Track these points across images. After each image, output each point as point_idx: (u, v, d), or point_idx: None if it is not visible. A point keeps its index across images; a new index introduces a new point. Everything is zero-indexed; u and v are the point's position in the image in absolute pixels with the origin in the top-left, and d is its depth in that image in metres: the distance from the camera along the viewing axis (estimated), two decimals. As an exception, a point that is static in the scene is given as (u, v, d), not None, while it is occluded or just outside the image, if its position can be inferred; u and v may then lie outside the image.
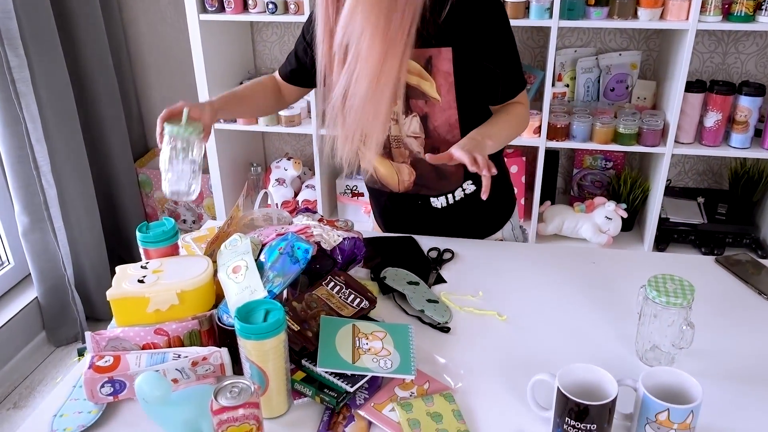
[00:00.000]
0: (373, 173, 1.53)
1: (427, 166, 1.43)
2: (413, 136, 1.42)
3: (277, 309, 0.97)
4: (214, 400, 0.88)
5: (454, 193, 1.50)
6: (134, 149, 2.84)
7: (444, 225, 1.55)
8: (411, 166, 1.47)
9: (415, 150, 1.43)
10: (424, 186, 1.49)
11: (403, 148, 1.44)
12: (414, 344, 1.10)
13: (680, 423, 0.89)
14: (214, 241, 1.29)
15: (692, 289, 1.06)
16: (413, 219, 1.56)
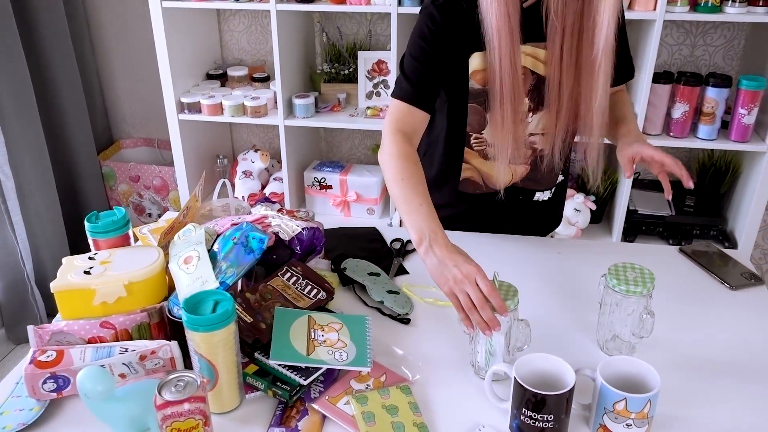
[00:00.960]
0: (479, 181, 1.41)
1: (546, 161, 1.34)
2: (540, 133, 1.33)
3: (227, 300, 0.94)
4: (157, 395, 0.84)
5: (552, 188, 1.47)
6: (98, 141, 2.77)
7: (531, 218, 1.49)
8: (530, 165, 1.39)
9: (539, 148, 1.35)
10: (533, 181, 1.42)
11: (527, 148, 1.35)
12: (371, 336, 1.07)
13: (637, 412, 0.88)
14: (168, 231, 1.25)
15: (652, 277, 1.05)
16: (502, 215, 1.47)
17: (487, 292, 0.97)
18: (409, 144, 1.22)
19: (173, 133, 2.45)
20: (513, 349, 1.03)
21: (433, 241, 1.06)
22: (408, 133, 1.23)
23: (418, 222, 1.09)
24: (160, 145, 2.89)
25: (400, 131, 1.22)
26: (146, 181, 2.74)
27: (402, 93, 1.25)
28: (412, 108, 1.24)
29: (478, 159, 1.38)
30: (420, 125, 1.26)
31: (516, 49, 1.17)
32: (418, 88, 1.23)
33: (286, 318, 1.06)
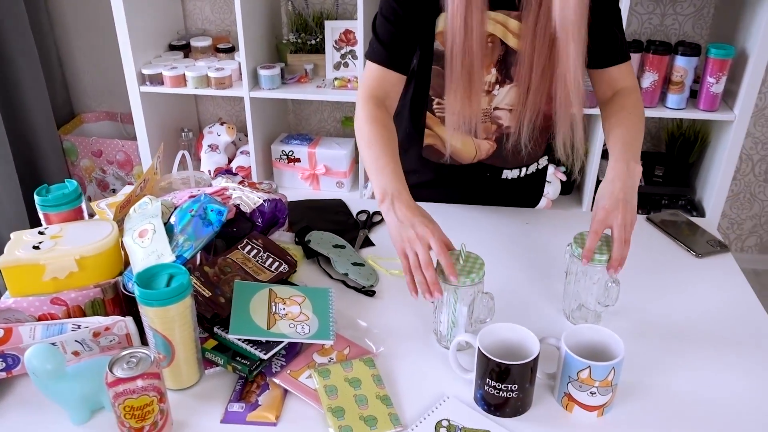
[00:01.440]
0: (442, 149, 1.37)
1: (512, 140, 1.29)
2: (506, 108, 1.30)
3: (182, 273, 0.90)
4: (108, 372, 0.81)
5: (529, 167, 1.43)
6: (58, 115, 2.68)
7: (502, 195, 1.46)
8: (495, 141, 1.35)
9: (504, 124, 1.31)
10: (501, 158, 1.38)
11: (491, 122, 1.31)
12: (334, 309, 1.05)
13: (601, 380, 0.87)
14: (124, 205, 1.21)
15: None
16: (471, 189, 1.45)
17: (437, 253, 0.96)
18: (381, 108, 1.20)
19: (135, 106, 2.38)
20: (476, 322, 1.02)
21: (396, 198, 1.04)
22: (380, 97, 1.21)
23: (383, 181, 1.08)
24: (122, 119, 2.81)
25: (372, 97, 1.20)
26: (109, 156, 2.67)
27: (374, 55, 1.22)
28: (385, 70, 1.21)
29: (440, 126, 1.35)
30: (394, 87, 1.23)
31: (472, 12, 1.12)
32: (391, 49, 1.20)
33: (246, 291, 1.03)
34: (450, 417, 0.90)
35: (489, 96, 1.27)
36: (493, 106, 1.29)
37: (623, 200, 1.04)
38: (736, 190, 2.65)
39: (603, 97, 1.28)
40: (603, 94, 1.28)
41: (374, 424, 0.88)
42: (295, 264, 1.14)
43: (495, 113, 1.30)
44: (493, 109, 1.30)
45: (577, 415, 0.91)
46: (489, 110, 1.29)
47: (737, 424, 0.90)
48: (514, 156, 1.36)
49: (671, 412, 0.91)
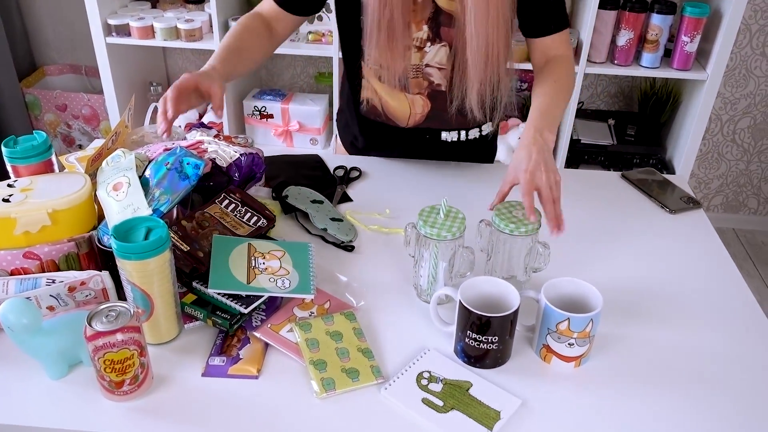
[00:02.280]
0: (378, 106, 1.38)
1: (456, 103, 1.28)
2: (437, 67, 1.29)
3: (160, 227, 0.89)
4: (87, 326, 0.80)
5: (469, 131, 1.41)
6: (19, 68, 2.58)
7: (442, 157, 1.46)
8: (427, 98, 1.34)
9: (435, 82, 1.31)
10: (438, 119, 1.37)
11: (422, 78, 1.31)
12: (314, 263, 1.04)
13: (580, 332, 0.88)
14: (96, 158, 1.17)
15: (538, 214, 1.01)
16: (413, 150, 1.44)
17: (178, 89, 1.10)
18: (256, 17, 1.28)
19: (101, 59, 2.30)
20: (456, 275, 1.02)
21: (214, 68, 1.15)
22: (266, 17, 1.29)
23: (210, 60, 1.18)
24: (87, 72, 2.72)
25: (258, 13, 1.29)
26: (74, 111, 2.59)
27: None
28: (280, 9, 1.28)
29: (374, 78, 1.34)
30: (288, 22, 1.30)
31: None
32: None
33: (225, 246, 1.02)
34: (431, 369, 0.91)
35: (421, 52, 1.27)
36: (424, 62, 1.29)
37: (543, 162, 1.05)
38: (705, 150, 2.70)
39: (537, 64, 1.30)
40: (537, 62, 1.30)
41: (356, 376, 0.89)
42: (274, 219, 1.13)
43: (427, 70, 1.30)
44: (425, 66, 1.30)
45: (555, 366, 0.92)
46: (421, 66, 1.30)
47: (709, 373, 0.93)
48: (457, 118, 1.35)
49: (645, 363, 0.94)
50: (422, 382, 0.89)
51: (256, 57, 1.28)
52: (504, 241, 1.01)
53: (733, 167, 2.73)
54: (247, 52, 1.24)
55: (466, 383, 0.89)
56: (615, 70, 2.19)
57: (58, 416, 0.84)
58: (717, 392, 0.89)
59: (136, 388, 0.85)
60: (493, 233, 1.02)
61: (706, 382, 0.91)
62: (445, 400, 0.86)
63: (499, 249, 1.03)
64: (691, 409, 0.87)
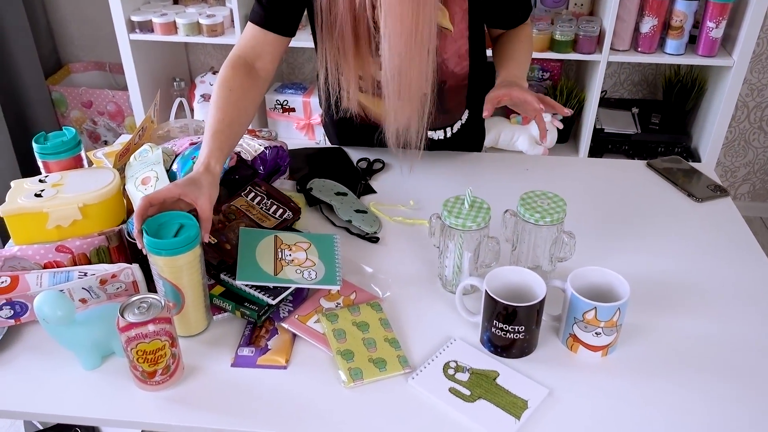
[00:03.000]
0: (361, 113, 1.35)
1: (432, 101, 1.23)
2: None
3: (191, 223, 0.90)
4: (120, 317, 0.81)
5: (453, 126, 1.41)
6: (45, 65, 2.62)
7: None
8: None
9: None
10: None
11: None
12: (340, 254, 1.05)
13: (607, 321, 0.88)
14: (123, 153, 1.19)
15: (564, 203, 1.01)
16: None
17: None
18: (238, 70, 1.14)
19: (125, 55, 2.33)
20: (481, 266, 1.02)
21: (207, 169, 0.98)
22: (250, 58, 1.17)
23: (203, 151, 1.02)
24: (112, 69, 2.75)
25: (237, 57, 1.16)
26: (99, 107, 2.62)
27: (254, 15, 1.18)
28: (262, 30, 1.17)
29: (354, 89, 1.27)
30: (271, 47, 1.18)
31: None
32: (269, 10, 1.16)
33: (252, 238, 1.03)
34: (458, 358, 0.91)
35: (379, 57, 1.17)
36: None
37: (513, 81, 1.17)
38: (731, 137, 2.65)
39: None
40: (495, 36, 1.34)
41: (383, 366, 0.89)
42: (299, 211, 1.14)
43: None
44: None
45: (581, 355, 0.92)
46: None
47: (738, 363, 0.92)
48: (440, 117, 1.33)
49: (673, 352, 0.93)
50: (449, 371, 0.89)
51: (249, 120, 1.14)
52: (529, 230, 1.01)
53: (760, 155, 2.69)
54: (238, 122, 1.10)
55: (493, 372, 0.89)
56: (639, 58, 2.16)
57: (93, 406, 0.86)
58: (746, 382, 0.89)
59: (168, 378, 0.86)
60: (518, 223, 1.02)
61: (735, 372, 0.90)
62: (472, 390, 0.86)
63: (524, 239, 1.03)
64: (720, 398, 0.86)
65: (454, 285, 1.02)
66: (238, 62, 1.15)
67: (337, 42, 1.16)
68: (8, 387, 0.89)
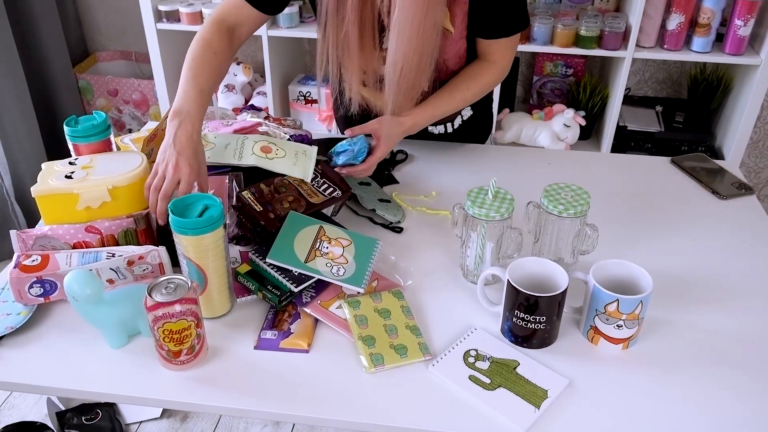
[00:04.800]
0: (364, 105, 1.33)
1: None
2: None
3: (216, 204, 0.91)
4: (148, 296, 0.83)
5: (454, 121, 1.42)
6: (72, 53, 2.65)
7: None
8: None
9: None
10: None
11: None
12: (375, 259, 1.04)
13: (629, 314, 0.88)
14: (151, 139, 1.21)
15: (587, 196, 1.01)
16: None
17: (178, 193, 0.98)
18: (221, 32, 1.17)
19: (151, 44, 2.35)
20: (503, 257, 1.03)
21: (185, 121, 1.03)
22: (230, 23, 1.19)
23: (182, 101, 1.07)
24: (138, 58, 2.78)
25: (219, 20, 1.18)
26: (125, 96, 2.66)
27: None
28: (248, 4, 1.19)
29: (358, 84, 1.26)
30: (248, 21, 1.20)
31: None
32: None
33: (297, 223, 1.04)
34: (478, 347, 0.92)
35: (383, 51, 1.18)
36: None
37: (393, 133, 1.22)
38: (756, 138, 2.62)
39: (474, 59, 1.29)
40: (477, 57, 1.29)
41: (404, 353, 0.90)
42: (349, 189, 1.15)
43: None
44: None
45: (602, 347, 0.92)
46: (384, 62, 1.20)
47: (760, 359, 0.91)
48: None
49: (695, 347, 0.93)
50: (469, 359, 0.90)
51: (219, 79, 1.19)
52: (552, 222, 1.01)
53: (785, 156, 2.65)
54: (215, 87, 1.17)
55: (513, 362, 0.90)
56: (664, 55, 2.14)
57: (119, 383, 0.88)
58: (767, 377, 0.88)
59: (193, 358, 0.88)
60: (542, 215, 1.03)
61: (756, 367, 0.90)
62: (492, 378, 0.87)
63: (547, 231, 1.03)
64: (740, 394, 0.86)
65: (476, 275, 1.03)
66: (223, 25, 1.18)
67: (342, 36, 1.14)
68: (37, 363, 0.91)
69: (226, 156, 1.11)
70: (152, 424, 1.80)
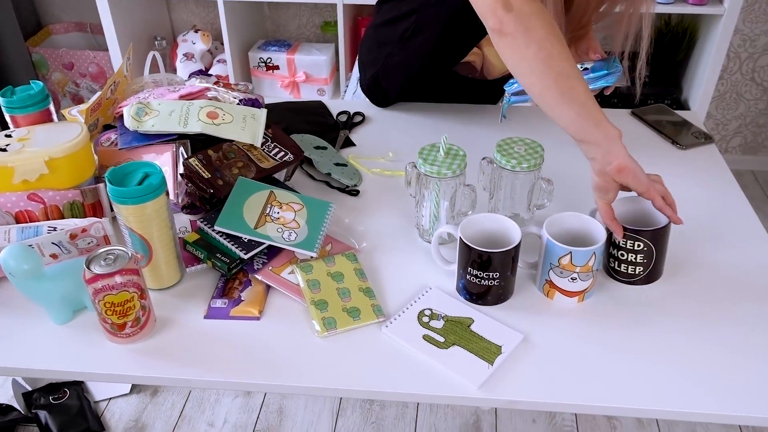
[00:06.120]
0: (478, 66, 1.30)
1: None
2: None
3: (156, 172, 0.88)
4: (86, 269, 0.80)
5: None
6: (24, 27, 2.56)
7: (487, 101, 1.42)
8: None
9: None
10: None
11: None
12: (328, 223, 1.01)
13: (582, 266, 0.87)
14: (95, 108, 1.16)
15: (541, 149, 0.99)
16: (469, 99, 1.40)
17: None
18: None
19: (104, 15, 2.28)
20: (458, 214, 1.01)
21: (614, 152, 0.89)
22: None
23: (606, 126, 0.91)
24: (93, 29, 2.69)
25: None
26: (81, 69, 2.58)
27: None
28: None
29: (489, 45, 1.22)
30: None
31: None
32: None
33: (246, 188, 1.01)
34: (432, 306, 0.90)
35: None
36: None
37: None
38: (723, 89, 2.62)
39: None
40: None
41: (357, 315, 0.88)
42: (301, 153, 1.12)
43: None
44: None
45: (558, 301, 0.92)
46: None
47: (716, 309, 0.91)
48: None
49: (650, 298, 0.93)
50: (423, 319, 0.88)
51: None
52: (506, 177, 0.99)
53: (752, 107, 2.66)
54: None
55: (467, 320, 0.88)
56: (628, 8, 2.12)
57: (64, 359, 0.85)
58: (724, 327, 0.88)
59: (139, 330, 0.85)
60: (495, 170, 1.01)
61: (711, 317, 0.89)
62: (446, 336, 0.86)
63: (501, 186, 1.01)
64: (695, 343, 0.86)
65: (431, 234, 1.01)
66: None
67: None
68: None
69: (170, 124, 1.07)
70: (122, 400, 1.78)
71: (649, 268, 0.92)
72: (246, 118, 1.11)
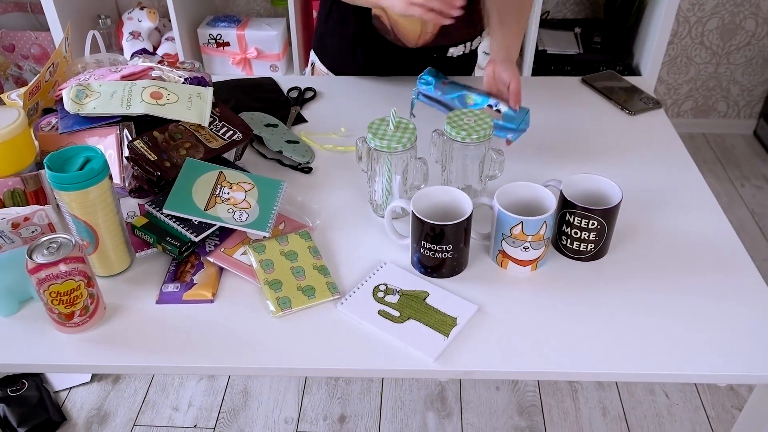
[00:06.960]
0: (388, 26, 1.30)
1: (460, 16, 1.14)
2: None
3: (98, 156, 0.85)
4: (28, 259, 0.78)
5: (473, 41, 1.36)
6: (-41, 7, 2.46)
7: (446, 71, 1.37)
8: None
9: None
10: (447, 36, 1.31)
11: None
12: (280, 202, 1.00)
13: (534, 235, 0.88)
14: (33, 92, 1.12)
15: (490, 120, 0.99)
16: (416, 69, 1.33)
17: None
18: None
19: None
20: (411, 188, 1.00)
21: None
22: None
23: None
24: (33, 9, 2.59)
25: None
26: (23, 51, 2.48)
27: None
28: None
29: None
30: None
31: None
32: None
33: (195, 169, 0.98)
34: (388, 281, 0.90)
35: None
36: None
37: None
38: (673, 54, 2.66)
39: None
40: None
41: (312, 294, 0.88)
42: (251, 131, 1.10)
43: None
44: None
45: (511, 271, 0.92)
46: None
47: (666, 275, 0.93)
48: (463, 31, 1.30)
49: (603, 265, 0.94)
50: (378, 294, 0.88)
51: None
52: (457, 149, 0.99)
53: (702, 71, 2.70)
54: None
55: (422, 293, 0.89)
56: (578, -25, 2.12)
57: (12, 351, 0.83)
58: (674, 294, 0.90)
59: (88, 319, 0.84)
60: (446, 142, 1.00)
61: (662, 282, 0.91)
62: (401, 311, 0.86)
63: (452, 158, 1.01)
64: (648, 308, 0.88)
65: (385, 209, 1.00)
66: None
67: None
68: None
69: (112, 106, 1.03)
70: (83, 389, 1.75)
71: (599, 245, 0.93)
72: (192, 98, 1.08)
